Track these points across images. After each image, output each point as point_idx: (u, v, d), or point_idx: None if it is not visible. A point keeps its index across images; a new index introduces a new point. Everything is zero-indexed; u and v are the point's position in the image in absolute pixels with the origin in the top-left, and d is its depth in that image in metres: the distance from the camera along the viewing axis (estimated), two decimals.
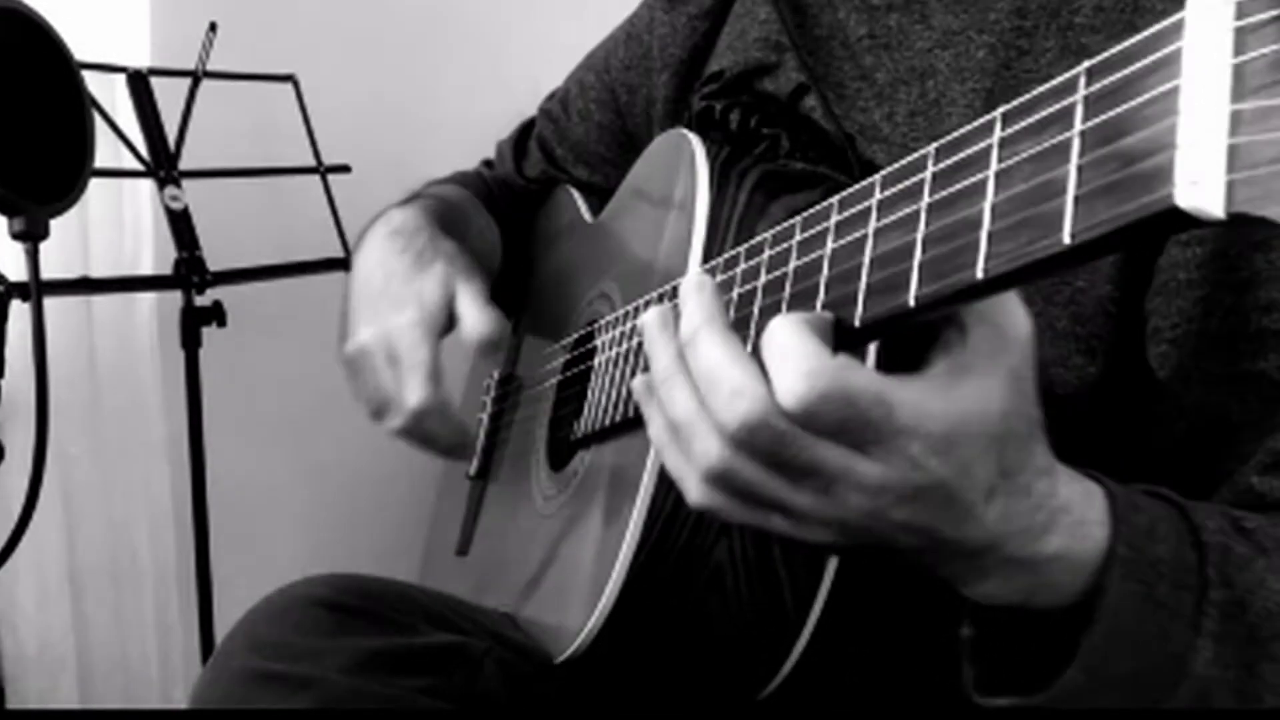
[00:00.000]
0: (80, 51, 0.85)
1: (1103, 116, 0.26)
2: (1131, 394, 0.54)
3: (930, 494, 0.36)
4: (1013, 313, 0.36)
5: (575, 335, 0.75)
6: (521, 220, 0.95)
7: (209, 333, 1.16)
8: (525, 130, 0.95)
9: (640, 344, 0.57)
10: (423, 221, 0.77)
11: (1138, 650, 0.40)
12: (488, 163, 1.00)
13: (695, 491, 0.40)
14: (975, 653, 0.44)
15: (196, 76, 1.13)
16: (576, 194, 0.89)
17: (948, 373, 0.36)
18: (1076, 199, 0.26)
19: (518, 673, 0.60)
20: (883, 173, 0.36)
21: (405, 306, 0.69)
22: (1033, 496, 0.39)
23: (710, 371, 0.38)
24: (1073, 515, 0.40)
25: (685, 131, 0.65)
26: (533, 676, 0.61)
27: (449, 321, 0.71)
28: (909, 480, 0.36)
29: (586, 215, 0.86)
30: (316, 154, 1.21)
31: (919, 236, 0.33)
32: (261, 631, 0.56)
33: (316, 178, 1.21)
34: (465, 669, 0.58)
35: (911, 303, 0.32)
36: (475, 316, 0.68)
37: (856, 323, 0.35)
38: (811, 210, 0.41)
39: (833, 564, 0.56)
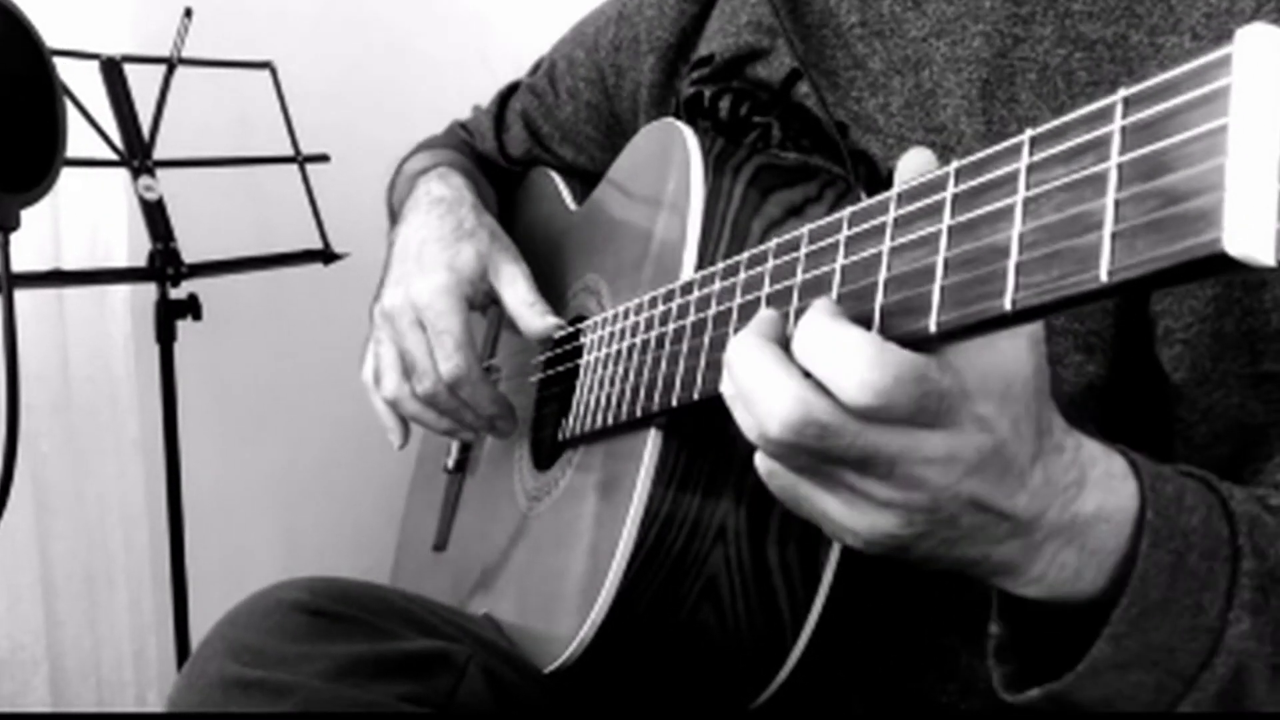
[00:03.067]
0: (54, 37, 0.82)
1: (1143, 150, 0.26)
2: (1144, 397, 0.53)
3: (993, 459, 0.36)
4: None
5: (560, 330, 0.74)
6: (503, 203, 0.93)
7: (184, 326, 1.13)
8: (504, 101, 0.93)
9: (634, 346, 0.56)
10: (464, 190, 0.77)
11: (1169, 621, 0.40)
12: (463, 125, 0.97)
13: (759, 463, 0.40)
14: (1005, 650, 0.43)
15: (172, 64, 1.10)
16: (558, 178, 0.87)
17: (985, 336, 0.35)
18: (1115, 235, 0.26)
19: (502, 679, 0.59)
20: (896, 189, 0.36)
21: (434, 271, 0.69)
22: (1065, 453, 0.39)
23: (745, 378, 0.37)
24: (1100, 467, 0.40)
25: (677, 122, 0.64)
26: (518, 683, 0.60)
27: (484, 296, 0.71)
28: (975, 444, 0.35)
29: (570, 202, 0.84)
30: (294, 143, 1.19)
31: (940, 259, 0.32)
32: (239, 636, 0.55)
33: (294, 167, 1.19)
34: (448, 675, 0.56)
35: (933, 328, 0.32)
36: (530, 316, 0.69)
37: None
38: (820, 223, 0.40)
39: (829, 572, 0.56)
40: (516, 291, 0.70)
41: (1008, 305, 0.29)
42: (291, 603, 0.56)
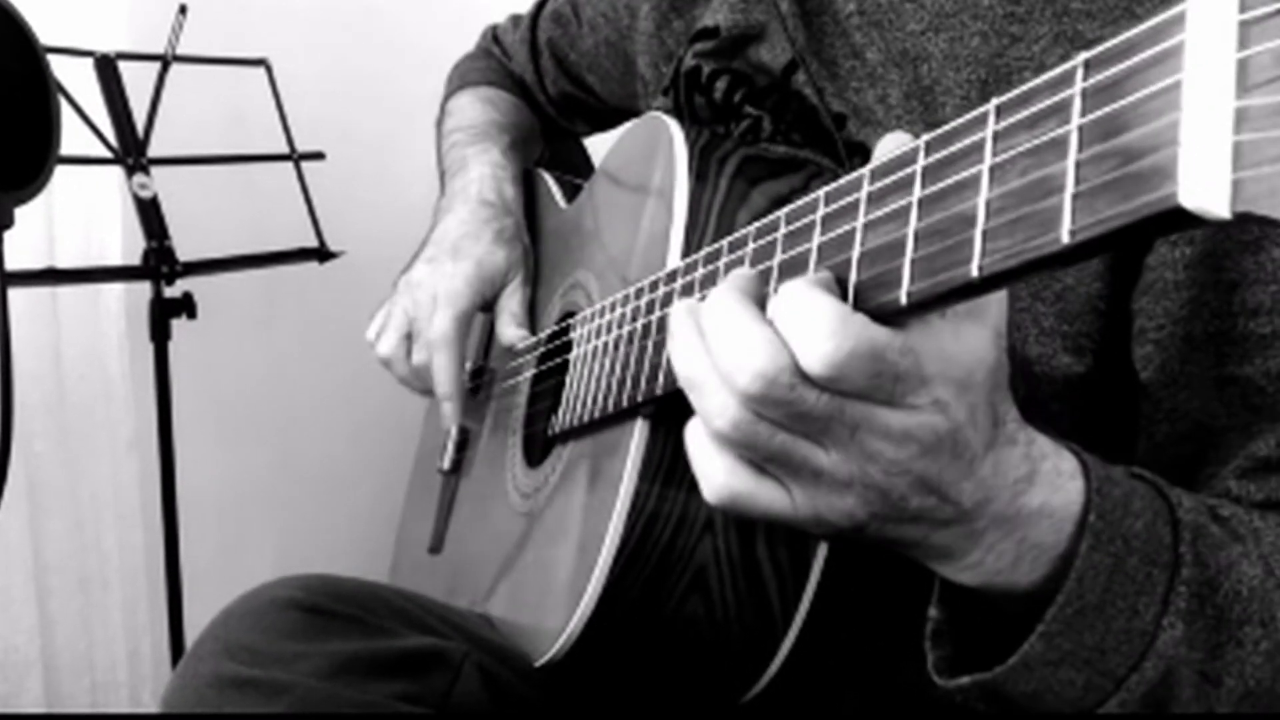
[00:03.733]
0: (49, 35, 0.82)
1: (1102, 111, 0.26)
2: (1118, 395, 0.53)
3: (946, 442, 0.36)
4: None
5: (551, 327, 0.74)
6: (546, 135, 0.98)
7: (178, 325, 1.13)
8: (534, 23, 0.94)
9: (620, 337, 0.56)
10: (513, 205, 0.83)
11: (1104, 622, 0.40)
12: (496, 38, 0.99)
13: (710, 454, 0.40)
14: (941, 635, 0.44)
15: (166, 61, 1.10)
16: (550, 178, 0.88)
17: (952, 322, 0.36)
18: (1075, 196, 0.26)
19: (498, 677, 0.59)
20: (871, 165, 0.36)
21: (465, 260, 0.77)
22: (1017, 446, 0.39)
23: (719, 330, 0.37)
24: (1049, 463, 0.40)
25: (663, 115, 0.64)
26: (513, 681, 0.60)
27: (492, 298, 0.78)
28: (931, 426, 0.36)
29: (561, 201, 0.85)
30: (290, 140, 1.19)
31: (910, 232, 0.32)
32: (233, 635, 0.54)
33: (290, 165, 1.19)
34: (444, 673, 0.56)
35: (904, 300, 0.32)
36: (509, 324, 0.77)
37: None
38: (797, 203, 0.40)
39: (819, 563, 0.55)
40: (510, 303, 0.77)
41: (974, 272, 0.29)
42: (286, 600, 0.56)
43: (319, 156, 1.21)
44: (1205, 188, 0.22)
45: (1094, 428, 0.54)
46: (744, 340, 0.36)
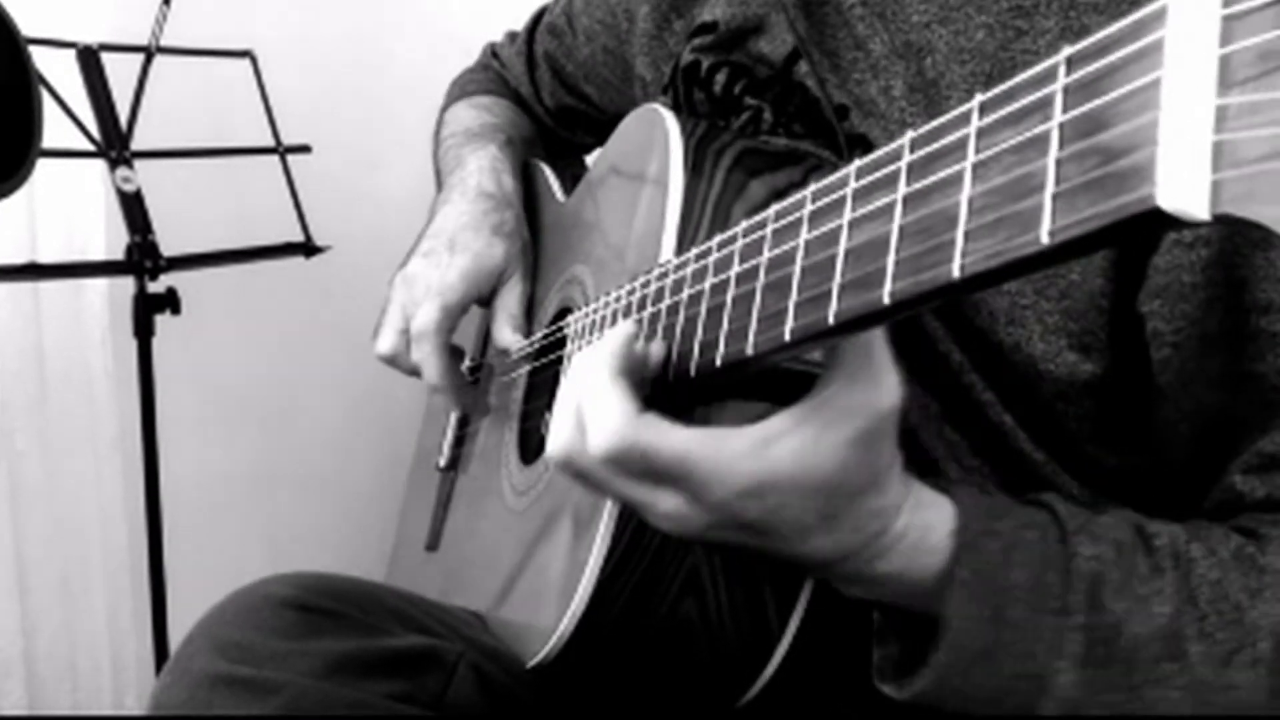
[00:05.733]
0: (30, 26, 0.82)
1: (1083, 108, 0.25)
2: (1137, 396, 0.53)
3: (745, 526, 0.41)
4: (882, 382, 0.40)
5: (547, 323, 0.74)
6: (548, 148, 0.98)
7: (162, 320, 1.12)
8: (531, 36, 0.94)
9: None
10: (512, 197, 0.81)
11: (995, 667, 0.43)
12: (495, 52, 0.99)
13: None
14: (884, 634, 0.47)
15: (150, 52, 1.09)
16: (548, 170, 0.87)
17: (775, 432, 0.40)
18: (1055, 195, 0.25)
19: (493, 678, 0.59)
20: (858, 162, 0.35)
21: (462, 254, 0.75)
22: (862, 533, 0.43)
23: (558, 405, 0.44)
24: (908, 541, 0.44)
25: (659, 107, 0.64)
26: (507, 681, 0.59)
27: (490, 295, 0.77)
28: (713, 517, 0.41)
29: (559, 194, 0.84)
30: (275, 134, 1.18)
31: (894, 229, 0.32)
32: (224, 632, 0.54)
33: (275, 158, 1.18)
34: (438, 673, 0.56)
35: (886, 300, 0.31)
36: (505, 325, 0.76)
37: (831, 320, 0.34)
38: (787, 200, 0.40)
39: None
40: (508, 302, 0.76)
41: (955, 273, 0.29)
42: (279, 598, 0.55)
43: (305, 150, 1.20)
44: (1184, 189, 0.22)
45: (1103, 428, 0.54)
46: (561, 419, 0.44)
